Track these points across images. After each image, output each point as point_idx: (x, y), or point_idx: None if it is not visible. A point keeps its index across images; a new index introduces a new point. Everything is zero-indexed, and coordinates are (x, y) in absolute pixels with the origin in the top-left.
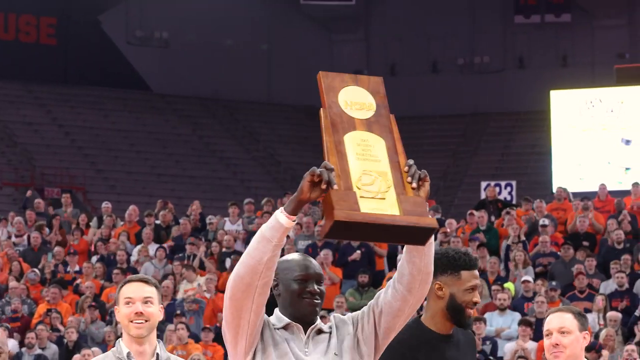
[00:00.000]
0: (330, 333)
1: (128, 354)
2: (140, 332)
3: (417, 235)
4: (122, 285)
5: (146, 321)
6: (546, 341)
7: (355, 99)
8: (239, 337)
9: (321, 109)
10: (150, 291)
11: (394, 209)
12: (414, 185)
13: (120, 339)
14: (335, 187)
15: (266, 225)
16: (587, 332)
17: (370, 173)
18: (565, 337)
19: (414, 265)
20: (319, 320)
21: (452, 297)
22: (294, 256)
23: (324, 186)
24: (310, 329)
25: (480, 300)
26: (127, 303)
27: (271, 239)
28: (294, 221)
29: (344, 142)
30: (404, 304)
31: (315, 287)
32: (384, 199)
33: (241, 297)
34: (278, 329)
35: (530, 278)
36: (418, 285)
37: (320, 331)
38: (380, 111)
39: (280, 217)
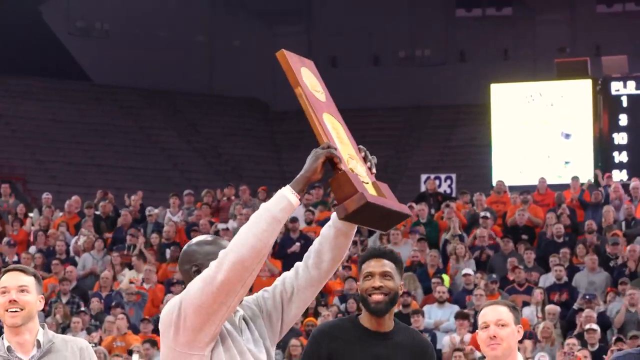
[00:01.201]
0: (245, 319)
1: (8, 348)
2: (14, 320)
3: (392, 222)
4: (1, 276)
5: (21, 309)
6: (482, 333)
7: (312, 80)
8: (209, 323)
9: (297, 87)
10: (27, 280)
11: (380, 194)
12: (374, 170)
13: (2, 335)
14: (343, 168)
15: (275, 205)
16: (520, 325)
17: (353, 157)
18: (502, 329)
19: (339, 249)
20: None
21: (359, 290)
22: (215, 239)
23: (341, 166)
24: (238, 316)
25: (397, 285)
26: (3, 292)
27: (282, 220)
28: (300, 200)
29: (325, 124)
30: (317, 288)
31: None
32: (368, 183)
33: (235, 280)
34: None
35: (471, 271)
36: (334, 268)
37: (243, 318)
38: (327, 95)
39: (291, 196)
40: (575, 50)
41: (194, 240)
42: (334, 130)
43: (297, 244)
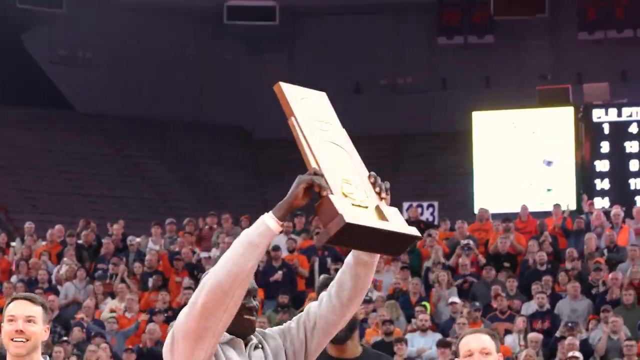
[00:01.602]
0: (262, 348)
1: None
2: (19, 351)
3: (400, 245)
4: (8, 303)
5: (27, 340)
6: None
7: (317, 110)
8: (197, 349)
9: (291, 118)
10: (34, 310)
11: (382, 217)
12: (384, 195)
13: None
14: (327, 193)
15: (253, 231)
16: (500, 354)
17: (350, 182)
18: (486, 357)
19: (359, 278)
20: (253, 335)
21: None
22: None
23: (323, 192)
24: (249, 345)
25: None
26: (10, 321)
27: (259, 245)
28: (282, 227)
29: (320, 151)
30: (340, 318)
31: (254, 302)
32: (367, 207)
33: (214, 306)
34: (222, 343)
35: (457, 300)
36: (358, 299)
37: (256, 346)
38: (333, 123)
39: (270, 222)
40: (556, 77)
41: None
42: (331, 155)
43: (279, 272)
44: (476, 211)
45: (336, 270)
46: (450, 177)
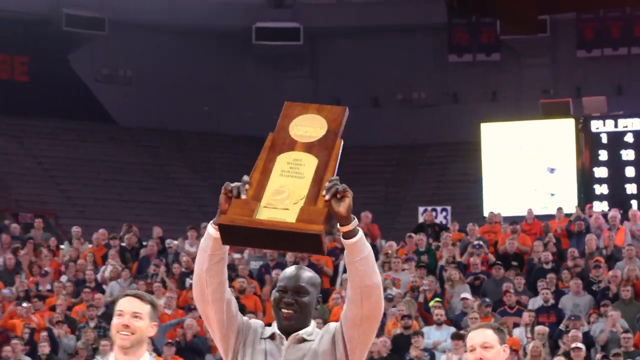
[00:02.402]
0: (314, 341)
1: None
2: (123, 343)
3: (307, 243)
4: (120, 298)
5: (132, 334)
6: (470, 356)
7: (308, 124)
8: (216, 339)
9: (270, 134)
10: (142, 307)
11: (291, 218)
12: (327, 197)
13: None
14: (243, 196)
15: (203, 238)
16: (506, 345)
17: (285, 188)
18: (487, 351)
19: (353, 279)
20: (304, 330)
21: None
22: (288, 268)
23: (229, 195)
24: (290, 337)
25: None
26: (118, 315)
27: (205, 248)
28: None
29: (275, 161)
30: (355, 316)
31: (290, 298)
32: (287, 209)
33: (200, 304)
34: (264, 338)
35: (468, 296)
36: (361, 298)
37: (302, 340)
38: (328, 135)
39: (209, 228)
40: (558, 91)
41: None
42: (288, 164)
43: None
44: (486, 214)
45: None
46: (461, 184)
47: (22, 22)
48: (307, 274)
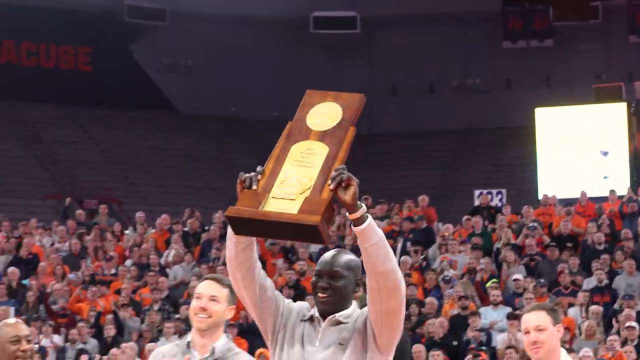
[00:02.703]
0: (349, 323)
1: (188, 343)
2: (200, 325)
3: (307, 233)
4: (200, 282)
5: (209, 317)
6: (525, 338)
7: (324, 112)
8: (255, 321)
9: (289, 123)
10: (220, 291)
11: (295, 209)
12: (332, 186)
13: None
14: (254, 187)
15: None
16: (560, 324)
17: (294, 178)
18: (542, 334)
19: (366, 266)
20: (341, 312)
21: None
22: (328, 252)
23: (243, 185)
24: (326, 320)
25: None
26: (196, 298)
27: (230, 236)
28: None
29: (289, 150)
30: (375, 306)
31: (325, 282)
32: (293, 199)
33: (235, 288)
34: (304, 320)
35: (520, 276)
36: (377, 285)
37: (338, 322)
38: (341, 124)
39: None
40: (610, 76)
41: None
42: (301, 154)
43: None
44: (540, 197)
45: (415, 252)
46: (516, 167)
47: (86, 14)
48: (344, 257)
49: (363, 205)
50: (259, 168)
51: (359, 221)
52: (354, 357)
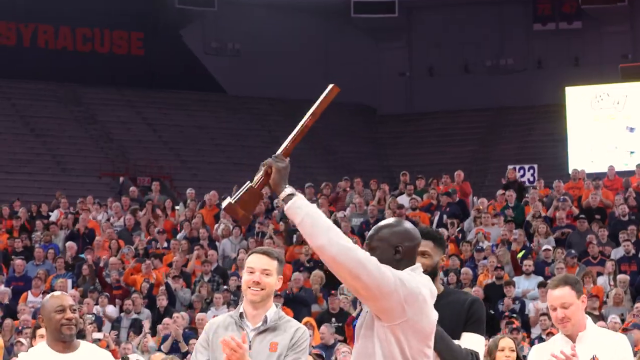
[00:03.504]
0: None
1: (241, 314)
2: (254, 298)
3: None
4: (248, 255)
5: (262, 289)
6: (553, 314)
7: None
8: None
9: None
10: (270, 263)
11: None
12: (258, 176)
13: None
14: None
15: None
16: (584, 295)
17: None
18: (567, 310)
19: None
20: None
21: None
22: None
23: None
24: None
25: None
26: (250, 272)
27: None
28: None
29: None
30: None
31: None
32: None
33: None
34: None
35: (550, 247)
36: (323, 259)
37: None
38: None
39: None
40: (636, 56)
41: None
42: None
43: None
44: (570, 172)
45: (452, 224)
46: (547, 143)
47: (139, 1)
48: (378, 227)
49: (287, 188)
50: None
51: (284, 203)
52: (369, 325)
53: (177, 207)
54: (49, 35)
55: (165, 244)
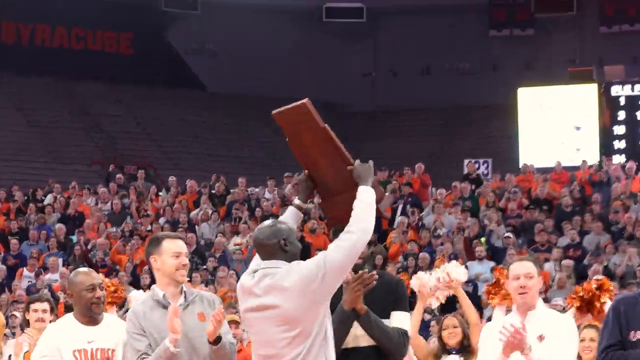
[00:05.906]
0: None
1: (164, 295)
2: (184, 279)
3: None
4: (166, 240)
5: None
6: (513, 283)
7: None
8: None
9: (325, 125)
10: (185, 247)
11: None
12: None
13: (155, 285)
14: None
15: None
16: (541, 277)
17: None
18: (530, 280)
19: None
20: None
21: None
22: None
23: None
24: None
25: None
26: (176, 256)
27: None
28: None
29: None
30: None
31: None
32: None
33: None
34: None
35: (511, 235)
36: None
37: None
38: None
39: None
40: (583, 61)
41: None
42: None
43: None
44: (521, 166)
45: (412, 212)
46: (500, 139)
47: (127, 4)
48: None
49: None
50: None
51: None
52: None
53: (160, 194)
54: (46, 34)
55: (149, 227)
